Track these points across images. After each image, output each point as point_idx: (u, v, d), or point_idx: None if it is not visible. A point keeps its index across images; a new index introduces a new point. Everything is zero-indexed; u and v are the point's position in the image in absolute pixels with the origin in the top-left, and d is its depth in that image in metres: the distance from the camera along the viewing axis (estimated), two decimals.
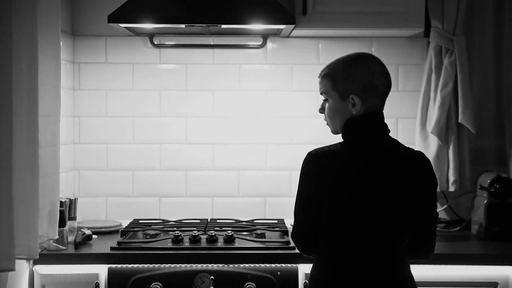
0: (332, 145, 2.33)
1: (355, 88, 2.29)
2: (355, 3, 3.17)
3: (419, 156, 2.35)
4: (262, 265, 2.80)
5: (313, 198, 2.29)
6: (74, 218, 3.06)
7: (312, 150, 2.33)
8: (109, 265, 2.79)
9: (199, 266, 2.80)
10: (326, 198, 2.27)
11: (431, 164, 2.36)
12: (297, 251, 2.46)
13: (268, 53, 3.52)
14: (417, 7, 3.17)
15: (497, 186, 3.18)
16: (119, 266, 2.79)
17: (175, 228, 3.17)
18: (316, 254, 2.35)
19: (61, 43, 2.83)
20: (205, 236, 2.98)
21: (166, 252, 2.82)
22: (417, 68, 3.51)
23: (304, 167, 2.32)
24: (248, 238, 3.00)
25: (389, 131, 2.35)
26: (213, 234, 2.95)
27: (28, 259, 2.70)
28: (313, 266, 2.39)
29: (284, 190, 3.48)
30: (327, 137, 2.47)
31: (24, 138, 2.44)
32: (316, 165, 2.29)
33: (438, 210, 3.40)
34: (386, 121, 2.36)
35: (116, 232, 3.22)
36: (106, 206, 3.51)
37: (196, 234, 2.94)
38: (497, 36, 3.54)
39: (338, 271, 2.28)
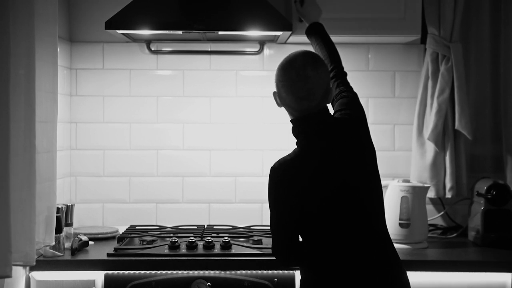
0: (289, 154, 2.40)
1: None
2: (352, 9, 3.17)
3: (339, 119, 2.47)
4: (259, 271, 2.80)
5: (285, 209, 2.31)
6: (70, 224, 3.06)
7: (274, 164, 2.40)
8: (106, 272, 2.78)
9: (196, 273, 2.79)
10: (301, 206, 2.28)
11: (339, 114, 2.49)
12: None
13: (265, 59, 3.52)
14: (413, 13, 3.18)
15: (494, 192, 3.18)
16: (115, 272, 2.78)
17: (171, 235, 3.17)
18: (305, 261, 2.36)
19: (58, 49, 2.83)
20: (202, 243, 2.98)
21: (163, 258, 2.82)
22: (414, 74, 3.52)
23: (270, 182, 2.37)
24: (245, 244, 3.00)
25: (332, 119, 2.44)
26: (210, 240, 2.95)
27: (24, 266, 2.69)
28: (301, 273, 2.40)
29: None
30: None
31: (21, 144, 2.44)
32: (284, 177, 2.34)
33: (434, 217, 3.43)
34: (383, 127, 2.40)
35: (112, 238, 3.21)
36: (102, 212, 3.51)
37: (193, 240, 2.94)
38: (494, 42, 3.55)
39: (327, 273, 2.29)
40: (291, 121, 2.44)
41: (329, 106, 2.48)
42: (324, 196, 2.29)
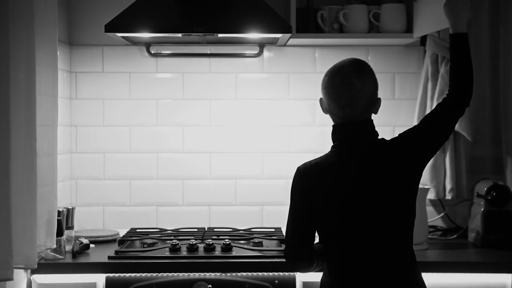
0: (319, 157, 2.35)
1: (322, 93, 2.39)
2: None
3: (388, 140, 2.36)
4: (260, 273, 2.81)
5: (302, 213, 2.31)
6: (71, 227, 3.06)
7: (301, 165, 2.36)
8: (107, 274, 2.79)
9: (196, 275, 2.80)
10: (320, 210, 2.28)
11: (397, 136, 2.37)
12: None
13: (265, 61, 3.52)
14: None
15: (494, 194, 3.19)
16: (116, 275, 2.79)
17: (172, 237, 3.17)
18: (326, 263, 2.36)
19: (58, 53, 2.83)
20: (202, 245, 2.98)
21: (164, 261, 2.82)
22: (414, 76, 3.52)
23: (294, 184, 2.35)
24: (245, 246, 3.00)
25: (375, 135, 2.36)
26: (211, 243, 2.95)
27: (26, 269, 2.70)
28: (323, 274, 2.39)
29: (281, 198, 3.48)
30: (324, 145, 2.47)
31: (21, 147, 2.44)
32: (306, 180, 2.31)
33: (435, 218, 3.44)
34: (382, 129, 2.38)
35: (113, 241, 3.22)
36: (103, 215, 3.51)
37: (194, 243, 2.94)
38: (493, 44, 3.55)
39: (349, 277, 2.28)
40: (332, 126, 2.38)
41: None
42: (342, 207, 2.26)
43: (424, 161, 2.35)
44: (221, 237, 3.16)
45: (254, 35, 3.08)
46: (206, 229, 3.43)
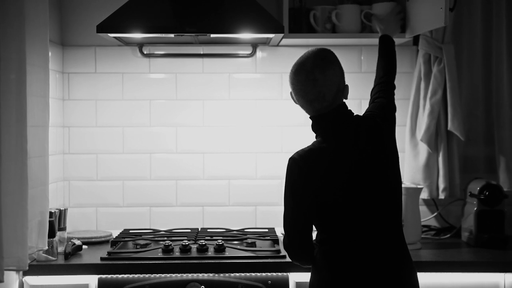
0: (308, 146, 2.39)
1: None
2: None
3: (364, 116, 2.51)
4: (253, 274, 2.80)
5: (303, 200, 2.31)
6: (64, 229, 3.05)
7: (294, 154, 2.38)
8: (100, 276, 2.78)
9: (189, 276, 2.79)
10: (316, 196, 2.29)
11: (369, 111, 2.57)
12: (288, 259, 2.46)
13: (258, 62, 3.52)
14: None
15: (487, 193, 3.19)
16: (109, 276, 2.78)
17: (165, 238, 3.17)
18: (322, 260, 2.36)
19: (50, 53, 2.83)
20: (195, 246, 2.98)
21: (157, 262, 2.82)
22: (407, 76, 3.52)
23: (290, 173, 2.36)
24: (238, 247, 3.00)
25: (351, 114, 2.44)
26: (204, 243, 2.95)
27: (17, 270, 2.69)
28: (312, 274, 2.39)
29: (275, 198, 3.48)
30: None
31: (12, 148, 2.43)
32: (305, 164, 2.34)
33: (428, 217, 3.44)
34: None
35: (106, 242, 3.21)
36: (96, 216, 3.50)
37: (187, 243, 2.93)
38: (486, 43, 3.55)
39: (341, 270, 2.30)
40: (310, 117, 2.45)
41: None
42: (339, 189, 2.31)
43: (389, 127, 2.51)
44: (214, 238, 3.16)
45: (246, 35, 3.07)
46: (199, 229, 3.42)
